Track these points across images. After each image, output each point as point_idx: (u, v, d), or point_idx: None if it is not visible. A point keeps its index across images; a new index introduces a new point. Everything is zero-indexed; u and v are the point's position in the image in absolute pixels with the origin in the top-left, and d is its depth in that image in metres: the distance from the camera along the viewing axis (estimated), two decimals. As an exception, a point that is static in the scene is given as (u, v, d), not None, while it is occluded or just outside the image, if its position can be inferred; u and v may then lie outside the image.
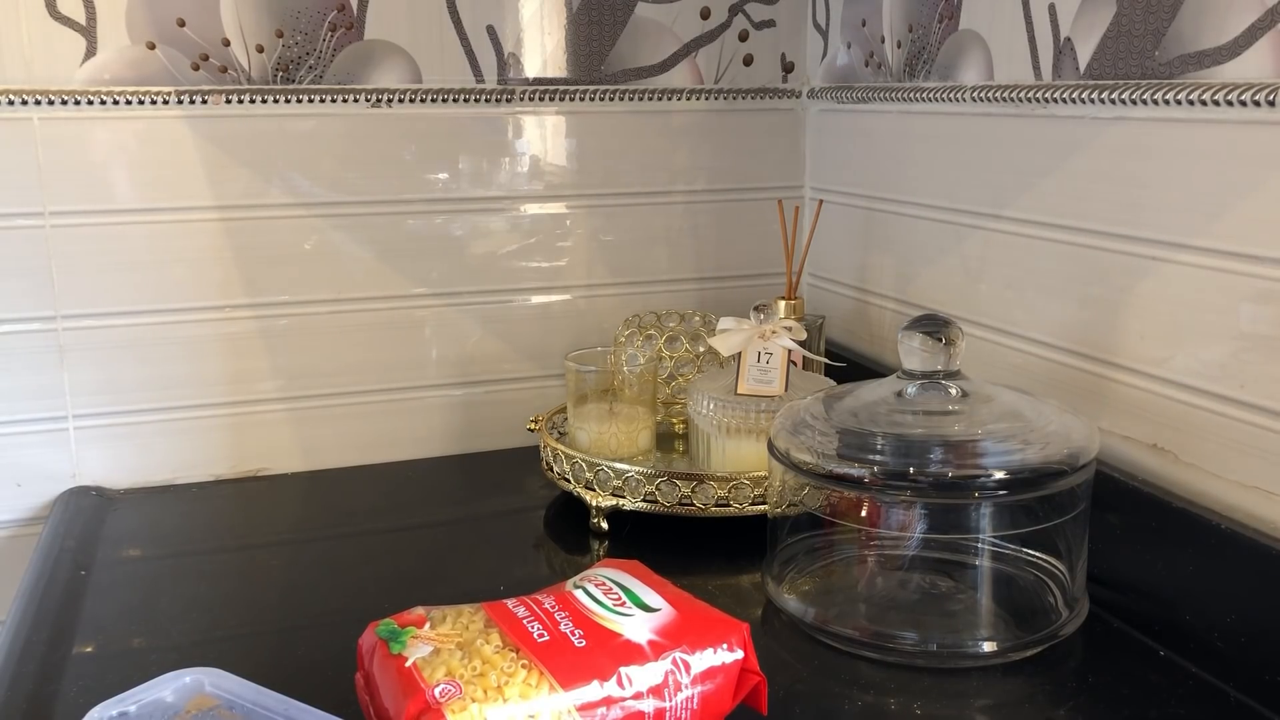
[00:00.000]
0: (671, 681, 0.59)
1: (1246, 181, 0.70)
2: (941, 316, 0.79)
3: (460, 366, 1.14)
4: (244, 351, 1.07)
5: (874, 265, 1.12)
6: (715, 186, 1.20)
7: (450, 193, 1.11)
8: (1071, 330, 0.86)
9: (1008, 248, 0.92)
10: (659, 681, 0.59)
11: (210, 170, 1.03)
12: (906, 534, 0.78)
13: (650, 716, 0.59)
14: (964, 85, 0.95)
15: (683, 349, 1.04)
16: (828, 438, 0.75)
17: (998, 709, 0.68)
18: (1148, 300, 0.78)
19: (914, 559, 0.79)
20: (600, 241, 1.17)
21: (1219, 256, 0.73)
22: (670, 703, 0.59)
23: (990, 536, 0.78)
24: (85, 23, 0.98)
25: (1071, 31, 0.83)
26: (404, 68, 1.07)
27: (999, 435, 0.73)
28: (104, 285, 1.02)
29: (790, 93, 1.20)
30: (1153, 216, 0.77)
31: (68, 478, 1.04)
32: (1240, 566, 0.69)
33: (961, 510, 0.74)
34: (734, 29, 1.16)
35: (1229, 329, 0.72)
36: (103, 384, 1.03)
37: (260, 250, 1.06)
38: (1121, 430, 0.81)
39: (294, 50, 1.03)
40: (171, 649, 0.75)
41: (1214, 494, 0.74)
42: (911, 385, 0.77)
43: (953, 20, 0.97)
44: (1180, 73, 0.75)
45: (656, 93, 1.15)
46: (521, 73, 1.10)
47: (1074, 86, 0.83)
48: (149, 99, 1.00)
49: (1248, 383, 0.71)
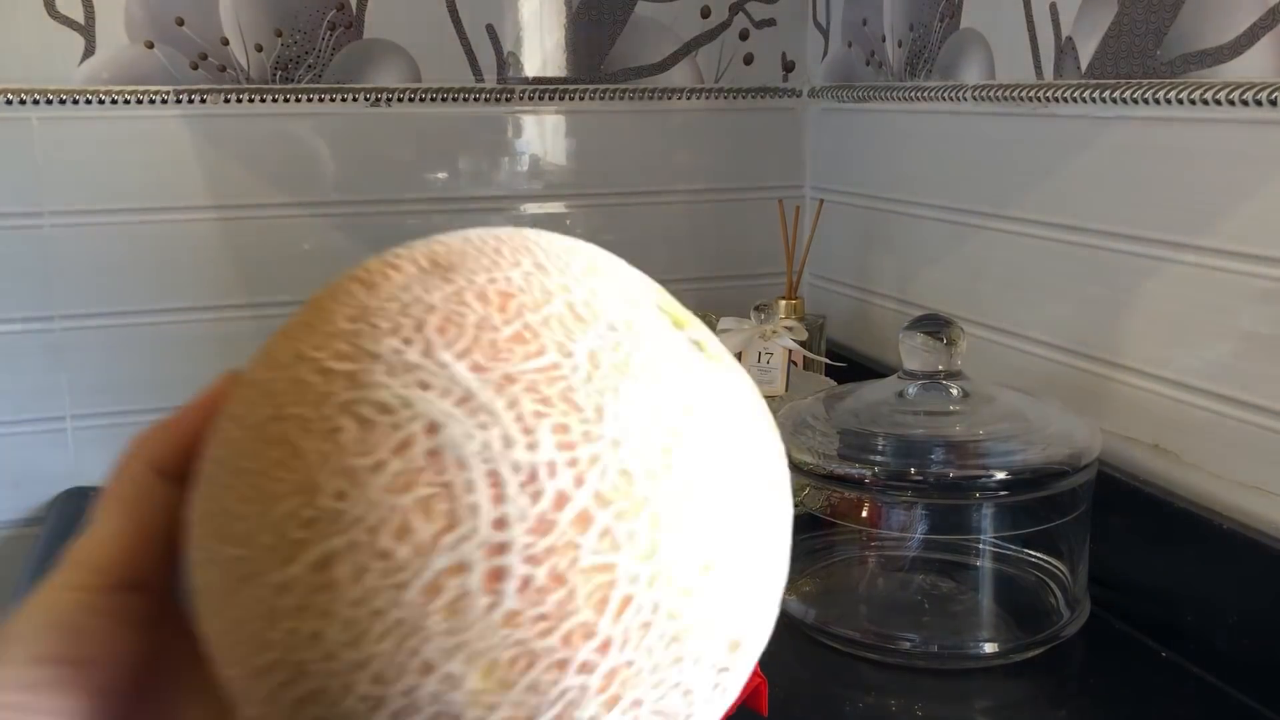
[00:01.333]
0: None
1: (1249, 181, 0.70)
2: (943, 316, 0.78)
3: (460, 366, 1.14)
4: (242, 352, 1.06)
5: (875, 265, 1.12)
6: (715, 186, 1.19)
7: (450, 192, 1.10)
8: (1073, 330, 0.85)
9: (1009, 247, 0.92)
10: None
11: (209, 170, 1.03)
12: (908, 535, 0.78)
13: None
14: (965, 84, 0.95)
15: (683, 349, 1.04)
16: (828, 438, 0.75)
17: (999, 710, 0.68)
18: (1150, 300, 0.78)
19: (915, 560, 0.79)
20: (600, 241, 1.15)
21: (1221, 256, 0.72)
22: (670, 704, 0.59)
23: (992, 537, 0.77)
24: (83, 22, 0.97)
25: (1073, 30, 0.83)
26: (403, 67, 1.06)
27: (1000, 436, 0.73)
28: (102, 285, 1.01)
29: (791, 92, 1.20)
30: (1155, 216, 0.77)
31: (65, 478, 1.04)
32: (1242, 567, 0.69)
33: (963, 511, 0.74)
34: (734, 28, 1.16)
35: (1231, 329, 0.72)
36: (101, 384, 1.03)
37: (259, 250, 1.05)
38: (1123, 430, 0.81)
39: (293, 49, 1.03)
40: (170, 650, 0.74)
41: (1216, 494, 0.74)
42: (913, 385, 0.77)
43: (954, 19, 0.96)
44: (1182, 72, 0.74)
45: (656, 92, 1.14)
46: (521, 72, 1.10)
47: (1075, 86, 0.82)
48: (147, 98, 1.00)
49: (1250, 383, 0.71)
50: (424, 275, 0.25)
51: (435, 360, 0.23)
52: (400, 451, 0.23)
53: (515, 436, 0.23)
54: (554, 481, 0.23)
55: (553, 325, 0.24)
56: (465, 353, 0.23)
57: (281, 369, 0.25)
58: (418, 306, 0.24)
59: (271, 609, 0.23)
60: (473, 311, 0.24)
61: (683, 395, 0.25)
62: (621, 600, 0.23)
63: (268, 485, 0.23)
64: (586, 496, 0.23)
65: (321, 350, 0.24)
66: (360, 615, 0.22)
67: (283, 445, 0.24)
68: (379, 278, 0.26)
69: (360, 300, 0.25)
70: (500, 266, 0.25)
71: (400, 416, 0.23)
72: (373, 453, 0.23)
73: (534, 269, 0.26)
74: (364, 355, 0.24)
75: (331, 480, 0.23)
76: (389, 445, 0.23)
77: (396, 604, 0.22)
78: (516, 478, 0.22)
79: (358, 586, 0.22)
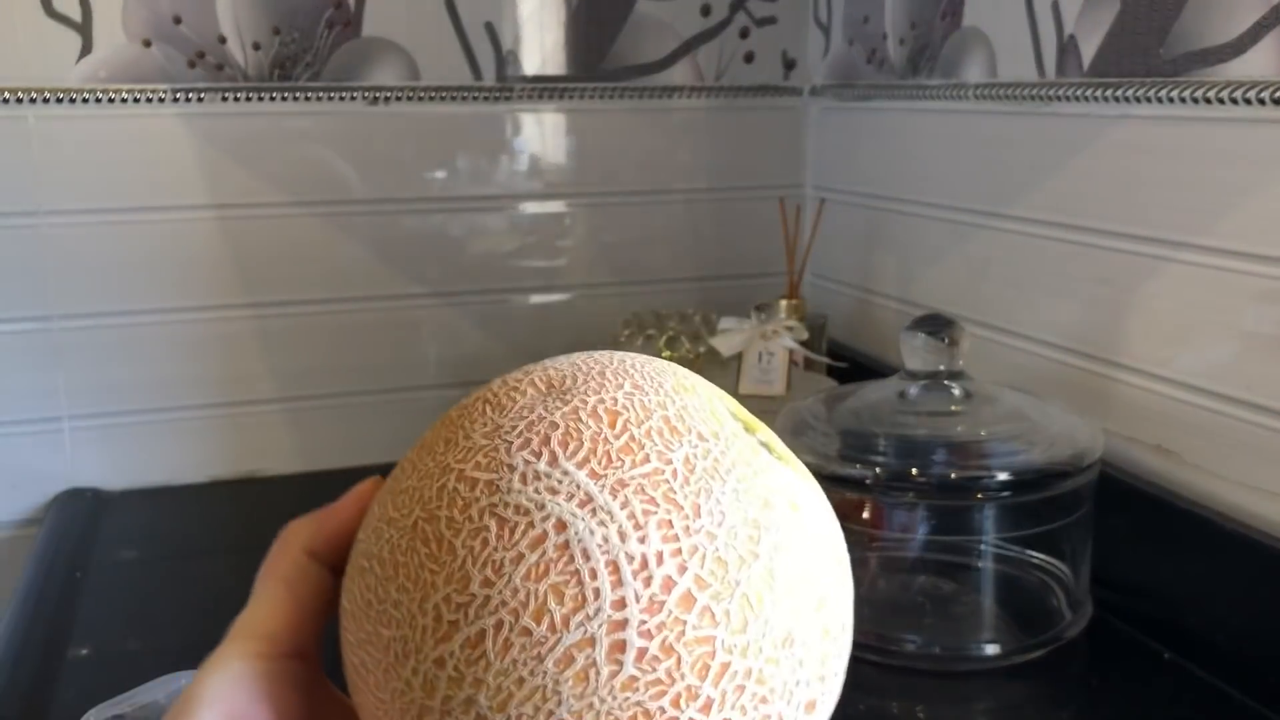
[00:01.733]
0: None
1: (1252, 180, 0.70)
2: (944, 316, 0.78)
3: (459, 367, 1.14)
4: (240, 352, 1.06)
5: (876, 264, 1.12)
6: (716, 185, 1.19)
7: (448, 191, 1.10)
8: (1075, 330, 0.85)
9: (1011, 247, 0.91)
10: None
11: (206, 169, 1.02)
12: (909, 536, 0.77)
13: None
14: (967, 83, 0.94)
15: (683, 349, 1.04)
16: (830, 438, 0.74)
17: (1001, 712, 0.67)
18: (1152, 300, 0.78)
19: (917, 561, 0.79)
20: (600, 241, 1.16)
21: (1224, 256, 0.72)
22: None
23: (994, 538, 0.77)
24: (81, 20, 0.97)
25: (1075, 29, 0.83)
26: (402, 65, 1.06)
27: (1002, 436, 0.72)
28: (99, 285, 1.01)
29: (792, 90, 1.19)
30: (1157, 215, 0.77)
31: (63, 479, 1.03)
32: (1245, 568, 0.68)
33: (965, 512, 0.73)
34: (735, 26, 1.16)
35: (1234, 329, 0.72)
36: (98, 384, 1.03)
37: (256, 250, 1.05)
38: (1126, 431, 0.81)
39: (291, 48, 1.03)
40: (167, 651, 0.74)
41: (1219, 495, 0.73)
42: (914, 386, 0.77)
43: (956, 17, 0.96)
44: (1185, 70, 0.74)
45: (657, 90, 1.14)
46: (520, 70, 1.10)
47: (1078, 84, 0.82)
48: (145, 97, 0.99)
49: (1253, 383, 0.71)
50: (544, 397, 0.31)
51: (560, 469, 0.29)
52: (536, 546, 0.28)
53: (629, 531, 0.28)
54: (662, 569, 0.28)
55: (653, 437, 0.30)
56: (584, 462, 0.29)
57: (429, 478, 0.30)
58: (542, 424, 0.30)
59: (431, 679, 0.28)
60: (588, 427, 0.30)
61: (761, 492, 0.30)
62: (720, 667, 0.28)
63: (424, 576, 0.29)
64: (689, 581, 0.28)
65: (464, 462, 0.30)
66: (507, 683, 0.27)
67: (436, 542, 0.29)
68: (506, 400, 0.31)
69: (492, 419, 0.31)
70: (606, 388, 0.31)
71: (534, 517, 0.28)
72: (513, 547, 0.28)
73: (634, 390, 0.31)
74: (501, 466, 0.29)
75: (480, 571, 0.28)
76: (526, 541, 0.28)
77: (536, 672, 0.27)
78: (631, 566, 0.28)
79: (504, 658, 0.27)
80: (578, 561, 0.28)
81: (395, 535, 0.30)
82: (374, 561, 0.30)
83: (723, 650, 0.28)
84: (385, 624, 0.29)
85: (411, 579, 0.29)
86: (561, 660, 0.27)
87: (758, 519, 0.29)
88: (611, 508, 0.28)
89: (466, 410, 0.32)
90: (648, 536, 0.28)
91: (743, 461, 0.30)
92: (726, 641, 0.28)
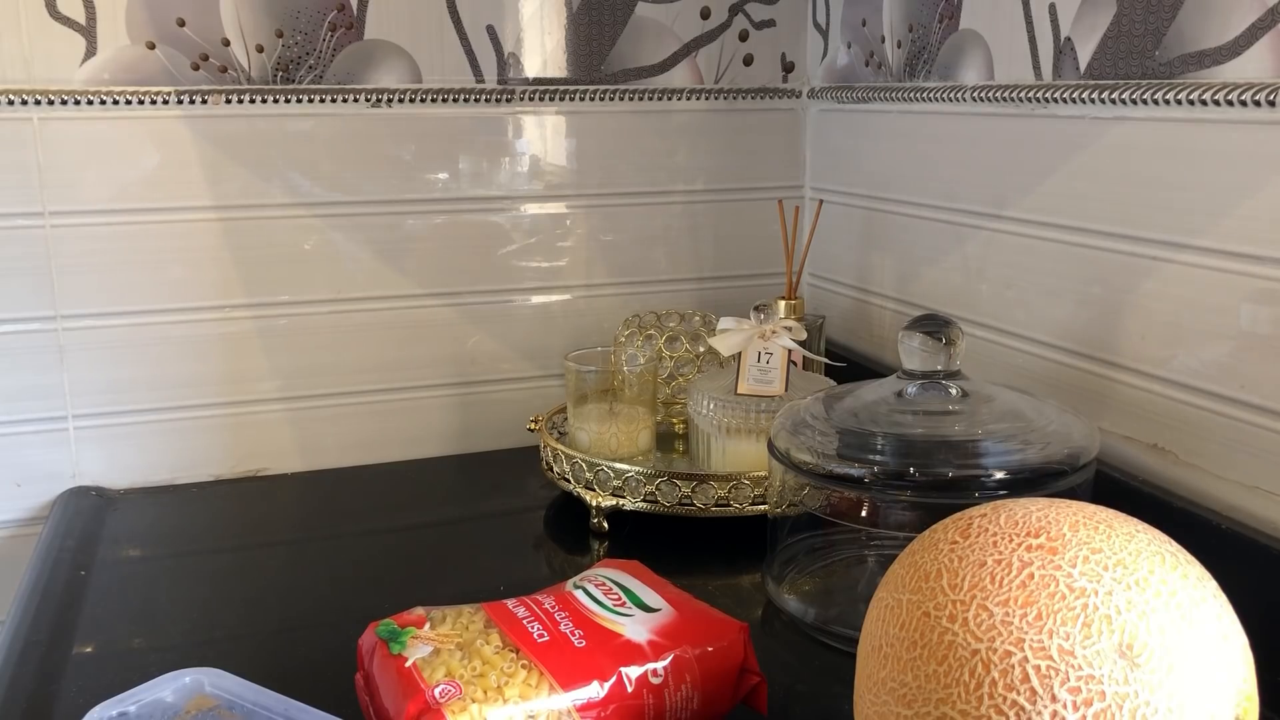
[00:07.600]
0: (671, 682, 0.59)
1: (1247, 181, 0.70)
2: (942, 316, 0.78)
3: (460, 366, 1.14)
4: (243, 351, 1.07)
5: (874, 265, 1.12)
6: (715, 186, 1.20)
7: (450, 193, 1.11)
8: (1072, 330, 0.86)
9: (1008, 248, 0.92)
10: (659, 682, 0.59)
11: (210, 170, 1.03)
12: (907, 534, 0.78)
13: (650, 717, 0.59)
14: (964, 85, 0.95)
15: (683, 349, 1.04)
16: (828, 438, 0.75)
17: (998, 709, 0.68)
18: (1148, 300, 0.78)
19: (914, 559, 0.79)
20: (600, 241, 1.17)
21: (1220, 256, 0.73)
22: (670, 703, 0.59)
23: (990, 537, 0.77)
24: (85, 22, 0.98)
25: (1072, 31, 0.83)
26: (404, 68, 1.07)
27: (999, 435, 0.73)
28: (104, 285, 1.02)
29: (790, 92, 1.20)
30: (1153, 216, 0.77)
31: (67, 478, 1.04)
32: (1241, 567, 0.69)
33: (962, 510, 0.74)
34: (734, 29, 1.16)
35: (1230, 329, 0.72)
36: (102, 384, 1.03)
37: (259, 250, 1.06)
38: (1122, 430, 0.81)
39: (294, 50, 1.03)
40: (171, 649, 0.75)
41: (1215, 494, 0.74)
42: (912, 385, 0.77)
43: (953, 20, 0.97)
44: (1181, 73, 0.75)
45: (656, 92, 1.15)
46: (521, 72, 1.10)
47: (1074, 86, 0.83)
48: (148, 99, 1.00)
49: (1248, 382, 0.71)
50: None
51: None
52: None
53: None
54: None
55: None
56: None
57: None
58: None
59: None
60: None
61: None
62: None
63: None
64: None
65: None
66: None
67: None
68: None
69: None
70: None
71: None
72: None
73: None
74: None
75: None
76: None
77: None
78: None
79: None
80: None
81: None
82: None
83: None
84: None
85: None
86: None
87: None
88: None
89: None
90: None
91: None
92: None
